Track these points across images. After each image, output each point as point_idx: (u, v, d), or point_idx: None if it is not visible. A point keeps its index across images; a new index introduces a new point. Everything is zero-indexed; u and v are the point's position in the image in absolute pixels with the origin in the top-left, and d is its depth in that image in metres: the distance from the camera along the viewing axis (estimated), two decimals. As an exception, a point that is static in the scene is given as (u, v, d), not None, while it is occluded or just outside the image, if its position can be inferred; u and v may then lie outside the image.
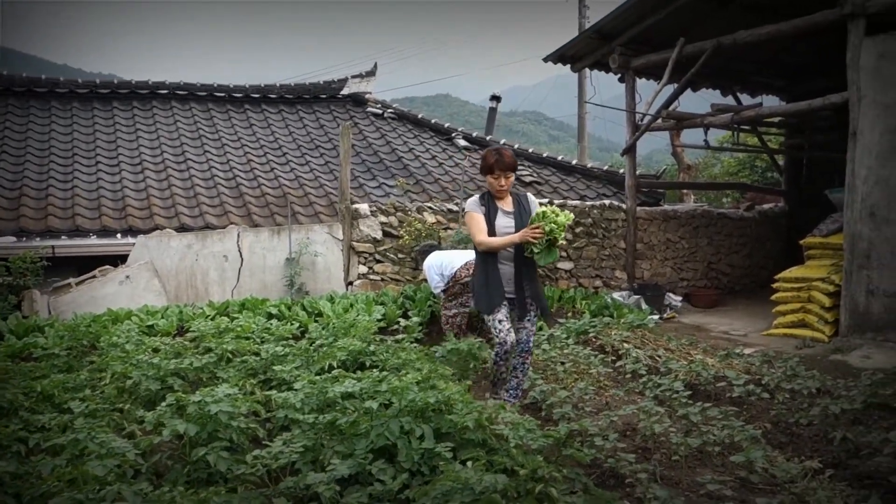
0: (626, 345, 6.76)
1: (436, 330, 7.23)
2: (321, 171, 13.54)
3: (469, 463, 3.24)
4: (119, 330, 6.51)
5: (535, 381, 5.40)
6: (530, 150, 15.06)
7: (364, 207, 9.15)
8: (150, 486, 3.14)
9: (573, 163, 14.58)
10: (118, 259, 9.96)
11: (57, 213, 10.90)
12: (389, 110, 16.54)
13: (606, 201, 10.72)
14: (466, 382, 4.71)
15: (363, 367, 5.38)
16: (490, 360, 5.16)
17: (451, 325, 6.96)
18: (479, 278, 5.06)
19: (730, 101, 11.77)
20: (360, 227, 9.02)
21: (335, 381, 4.34)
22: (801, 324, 8.15)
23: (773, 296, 8.55)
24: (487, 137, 15.68)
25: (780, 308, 8.44)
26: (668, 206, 12.08)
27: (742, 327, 8.81)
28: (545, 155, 14.71)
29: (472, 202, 5.02)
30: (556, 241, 4.71)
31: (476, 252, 5.14)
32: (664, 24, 9.49)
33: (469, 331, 7.09)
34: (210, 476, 3.46)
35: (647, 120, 10.21)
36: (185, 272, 9.92)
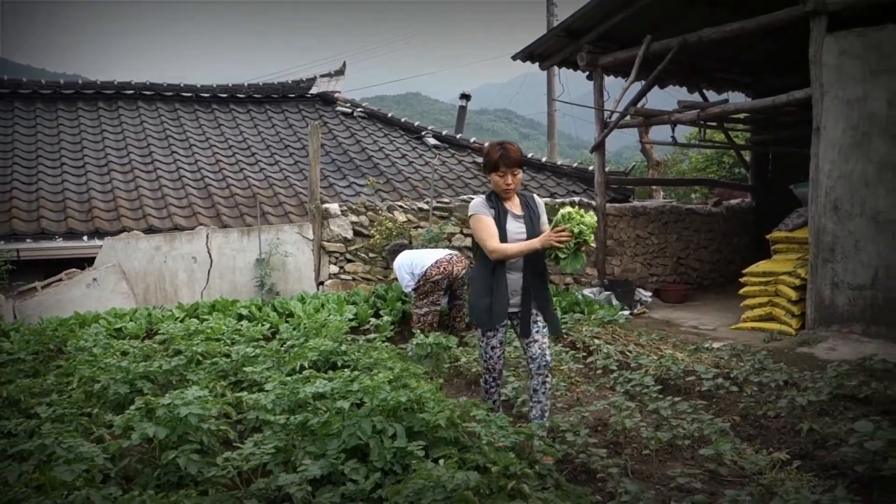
0: (596, 341, 6.81)
1: (407, 329, 7.23)
2: (291, 171, 13.45)
3: (441, 461, 3.25)
4: (86, 333, 6.41)
5: (507, 379, 5.41)
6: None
7: (334, 207, 9.12)
8: (120, 491, 3.11)
9: (543, 160, 14.64)
10: (85, 262, 9.80)
11: (21, 216, 10.73)
12: (359, 109, 16.46)
13: (576, 198, 10.81)
14: (438, 381, 4.72)
15: (335, 367, 5.36)
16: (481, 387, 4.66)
17: (423, 324, 6.98)
18: (480, 289, 4.32)
19: (697, 98, 11.89)
20: (331, 227, 9.00)
21: (306, 381, 4.32)
22: (769, 317, 8.27)
23: (741, 290, 8.66)
24: (457, 136, 15.71)
25: (747, 302, 8.56)
26: (637, 203, 12.18)
27: (711, 321, 8.91)
28: (515, 152, 14.70)
29: (477, 204, 4.33)
30: (585, 245, 4.12)
31: (476, 259, 4.48)
32: (632, 22, 9.58)
33: (440, 329, 7.12)
34: (181, 479, 3.43)
35: (615, 117, 10.29)
36: (154, 274, 9.79)
